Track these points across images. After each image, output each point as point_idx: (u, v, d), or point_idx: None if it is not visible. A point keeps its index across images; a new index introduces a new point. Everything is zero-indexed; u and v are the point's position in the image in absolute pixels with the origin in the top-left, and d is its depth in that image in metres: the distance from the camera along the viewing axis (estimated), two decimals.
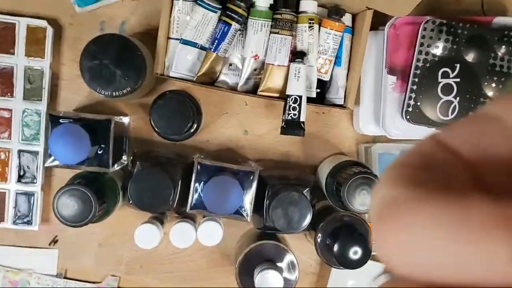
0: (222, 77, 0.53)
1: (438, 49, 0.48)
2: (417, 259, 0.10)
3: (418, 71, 0.49)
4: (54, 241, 0.57)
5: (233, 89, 0.53)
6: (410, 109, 0.49)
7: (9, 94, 0.54)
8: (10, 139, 0.54)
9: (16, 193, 0.55)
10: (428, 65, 0.49)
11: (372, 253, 0.48)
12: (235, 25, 0.50)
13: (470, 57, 0.48)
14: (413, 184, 0.10)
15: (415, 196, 0.10)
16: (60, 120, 0.49)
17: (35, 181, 0.55)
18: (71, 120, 0.49)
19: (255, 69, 0.53)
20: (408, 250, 0.10)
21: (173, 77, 0.51)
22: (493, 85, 0.49)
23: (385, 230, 0.10)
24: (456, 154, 0.11)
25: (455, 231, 0.09)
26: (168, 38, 0.52)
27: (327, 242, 0.50)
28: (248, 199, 0.50)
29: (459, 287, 0.09)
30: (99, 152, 0.50)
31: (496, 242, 0.09)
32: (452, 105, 0.49)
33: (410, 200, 0.10)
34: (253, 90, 0.53)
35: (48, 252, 0.57)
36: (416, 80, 0.49)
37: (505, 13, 0.54)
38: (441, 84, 0.49)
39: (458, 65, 0.48)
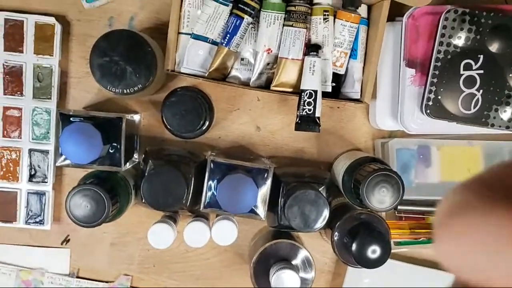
0: (233, 72, 0.52)
1: (460, 40, 0.46)
2: (481, 264, 0.10)
3: (439, 63, 0.47)
4: (66, 241, 0.57)
5: (245, 84, 0.52)
6: (430, 103, 0.47)
7: (18, 92, 0.53)
8: (21, 138, 0.54)
9: (28, 193, 0.54)
10: (449, 56, 0.47)
11: (392, 251, 0.47)
12: (247, 19, 0.49)
13: (494, 47, 0.46)
14: (478, 193, 0.11)
15: (482, 202, 0.11)
16: (71, 119, 0.48)
17: (46, 181, 0.54)
18: (82, 118, 0.48)
19: (268, 64, 0.51)
20: (458, 253, 0.11)
21: (184, 73, 0.50)
22: None
23: (443, 231, 0.11)
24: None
25: (496, 240, 0.10)
26: (179, 33, 0.51)
27: (345, 240, 0.49)
28: (262, 197, 0.49)
29: None
30: (111, 151, 0.49)
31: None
32: (475, 98, 0.47)
33: (476, 205, 0.11)
34: (266, 85, 0.52)
35: (60, 252, 0.56)
36: (437, 72, 0.47)
37: None
38: (463, 77, 0.47)
39: (481, 56, 0.46)
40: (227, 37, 0.49)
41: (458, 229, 0.11)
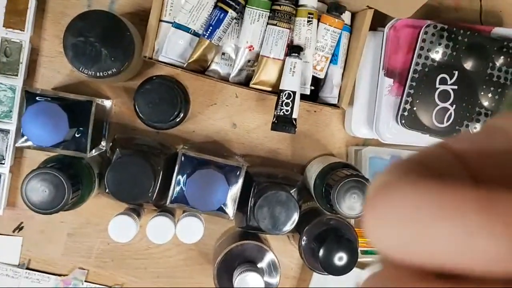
0: (213, 66, 0.51)
1: (437, 54, 0.47)
2: (404, 240, 0.10)
3: (416, 75, 0.48)
4: (19, 228, 0.53)
5: (224, 79, 0.51)
6: (405, 113, 0.48)
7: None
8: None
9: None
10: (426, 69, 0.48)
11: (358, 259, 0.46)
12: (231, 13, 0.48)
13: (468, 65, 0.48)
14: (407, 172, 0.11)
15: (406, 180, 0.10)
16: (37, 98, 0.46)
17: (3, 162, 0.51)
18: (49, 98, 0.46)
19: (248, 61, 0.51)
20: (395, 231, 0.10)
21: (162, 62, 0.49)
22: (489, 95, 0.48)
23: (374, 212, 0.11)
24: (457, 154, 0.11)
25: (437, 212, 0.10)
26: (160, 20, 0.49)
27: (312, 246, 0.48)
28: (232, 195, 0.47)
29: (442, 268, 0.10)
30: (77, 135, 0.47)
31: (470, 223, 0.09)
32: (448, 112, 0.48)
33: (399, 183, 0.10)
34: (245, 82, 0.51)
35: (11, 240, 0.53)
36: (414, 84, 0.48)
37: (502, 25, 0.54)
38: (438, 90, 0.48)
39: (456, 72, 0.47)
40: (209, 30, 0.48)
41: (383, 206, 0.10)
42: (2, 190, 0.50)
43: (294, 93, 0.48)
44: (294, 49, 0.49)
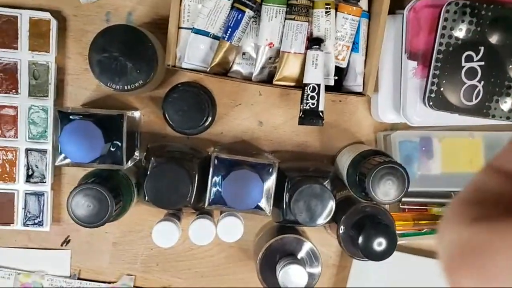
0: (235, 67, 0.51)
1: (461, 32, 0.47)
2: None
3: (441, 55, 0.47)
4: (66, 242, 0.55)
5: (247, 79, 0.51)
6: (432, 95, 0.48)
7: (13, 91, 0.51)
8: (17, 137, 0.52)
9: (25, 194, 0.53)
10: (451, 48, 0.47)
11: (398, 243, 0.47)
12: (248, 12, 0.48)
13: (494, 39, 0.47)
14: (473, 223, 0.11)
15: (479, 239, 0.11)
16: (70, 117, 0.47)
17: (44, 181, 0.53)
18: (82, 116, 0.47)
19: (270, 58, 0.51)
20: None
21: (185, 69, 0.49)
22: None
23: (461, 279, 0.11)
24: (504, 173, 0.12)
25: None
26: (179, 27, 0.50)
27: (350, 234, 0.49)
28: (267, 192, 0.48)
29: None
30: (112, 149, 0.48)
31: None
32: (476, 90, 0.48)
33: (478, 247, 0.11)
34: (268, 80, 0.52)
35: (61, 253, 0.55)
36: (439, 64, 0.47)
37: None
38: (464, 68, 0.47)
39: (482, 48, 0.47)
40: (228, 31, 0.48)
41: (475, 272, 0.11)
42: (46, 207, 0.53)
43: (319, 85, 0.48)
44: (314, 42, 0.49)
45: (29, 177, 0.53)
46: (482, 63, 0.47)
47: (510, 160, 0.12)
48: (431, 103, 0.48)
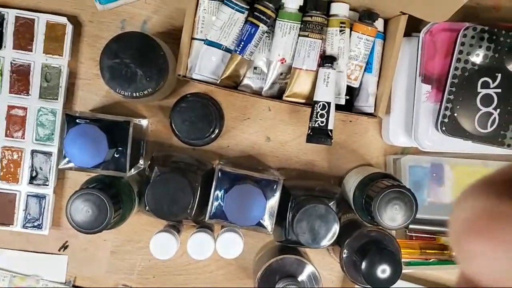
0: (246, 81, 0.51)
1: (478, 57, 0.46)
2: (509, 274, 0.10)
3: (456, 80, 0.46)
4: (64, 247, 0.55)
5: (257, 93, 0.51)
6: (446, 120, 0.46)
7: (24, 92, 0.52)
8: (24, 138, 0.52)
9: (27, 195, 0.52)
10: (467, 74, 0.46)
11: (402, 272, 0.45)
12: (262, 27, 0.48)
13: None
14: (505, 197, 0.11)
15: (507, 208, 0.10)
16: (77, 121, 0.47)
17: (47, 183, 0.52)
18: (88, 120, 0.47)
19: (281, 73, 0.50)
20: (502, 265, 0.10)
21: (196, 80, 0.49)
22: None
23: (479, 242, 0.10)
24: None
25: None
26: (192, 38, 0.50)
27: (354, 258, 0.47)
28: (270, 210, 0.47)
29: None
30: (116, 156, 0.48)
31: None
32: (492, 117, 0.46)
33: (505, 214, 0.10)
34: (278, 95, 0.51)
35: (58, 258, 0.54)
36: (454, 89, 0.46)
37: None
38: (480, 95, 0.46)
39: (499, 75, 0.45)
40: (241, 45, 0.48)
41: (496, 237, 0.10)
42: (47, 210, 0.52)
43: (329, 104, 0.48)
44: (327, 59, 0.48)
45: (32, 179, 0.52)
46: (499, 90, 0.46)
47: None
48: (444, 128, 0.47)
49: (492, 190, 0.11)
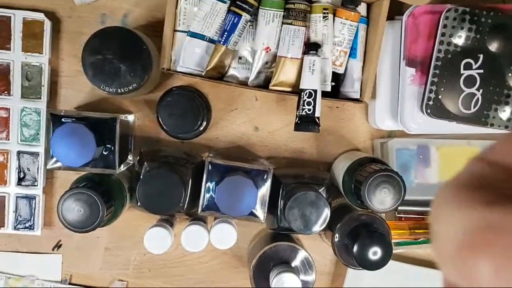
0: (231, 71, 0.51)
1: (460, 39, 0.46)
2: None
3: (439, 63, 0.47)
4: (58, 246, 0.55)
5: (243, 83, 0.51)
6: (430, 102, 0.47)
7: (6, 92, 0.51)
8: (9, 139, 0.51)
9: (17, 197, 0.52)
10: (449, 56, 0.46)
11: (393, 252, 0.46)
12: (245, 16, 0.47)
13: (494, 47, 0.46)
14: (494, 204, 0.10)
15: (504, 219, 0.10)
16: (62, 119, 0.46)
17: (36, 184, 0.52)
18: (74, 119, 0.47)
19: (266, 62, 0.50)
20: (505, 275, 0.10)
21: (180, 72, 0.49)
22: None
23: (486, 261, 0.10)
24: (502, 167, 0.11)
25: None
26: (175, 30, 0.49)
27: (345, 242, 0.48)
28: (262, 199, 0.48)
29: None
30: (104, 153, 0.48)
31: None
32: (475, 98, 0.47)
33: (506, 224, 0.10)
34: (264, 85, 0.51)
35: (52, 258, 0.54)
36: (437, 72, 0.47)
37: None
38: (463, 76, 0.47)
39: (481, 56, 0.46)
40: (224, 35, 0.48)
41: (507, 252, 0.10)
42: (38, 211, 0.52)
43: (315, 91, 0.48)
44: (311, 47, 0.48)
45: (20, 180, 0.52)
46: (481, 71, 0.46)
47: (501, 151, 0.12)
48: (429, 111, 0.47)
49: (474, 198, 0.11)
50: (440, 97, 0.47)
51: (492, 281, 0.10)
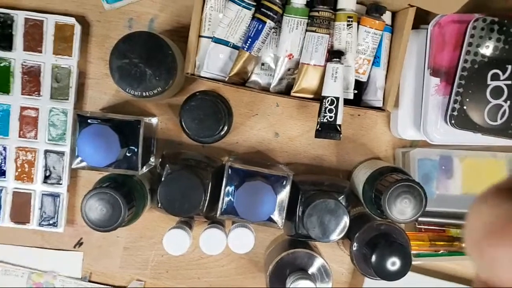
0: (253, 77, 0.51)
1: (488, 49, 0.45)
2: None
3: (465, 73, 0.46)
4: (79, 244, 0.56)
5: (265, 89, 0.51)
6: (455, 113, 0.46)
7: (36, 93, 0.53)
8: (37, 138, 0.53)
9: (42, 194, 0.53)
10: (476, 66, 0.46)
11: (412, 263, 0.45)
12: (269, 23, 0.48)
13: None
14: None
15: None
16: (88, 120, 0.48)
17: (61, 182, 0.53)
18: (100, 120, 0.48)
19: (288, 69, 0.50)
20: None
21: (204, 77, 0.49)
22: None
23: (503, 248, 0.10)
24: None
25: None
26: (200, 36, 0.50)
27: (364, 251, 0.48)
28: (280, 205, 0.48)
29: None
30: (128, 154, 0.49)
31: None
32: (502, 109, 0.46)
33: None
34: (286, 91, 0.51)
35: (73, 255, 0.56)
36: (463, 82, 0.46)
37: None
38: (490, 87, 0.46)
39: (509, 67, 0.45)
40: (248, 42, 0.48)
41: None
42: (62, 209, 0.53)
43: (337, 98, 0.48)
44: (335, 54, 0.48)
45: (46, 178, 0.53)
46: (509, 82, 0.45)
47: None
48: (453, 122, 0.47)
49: (508, 196, 0.11)
50: (465, 107, 0.46)
51: (510, 270, 0.10)
